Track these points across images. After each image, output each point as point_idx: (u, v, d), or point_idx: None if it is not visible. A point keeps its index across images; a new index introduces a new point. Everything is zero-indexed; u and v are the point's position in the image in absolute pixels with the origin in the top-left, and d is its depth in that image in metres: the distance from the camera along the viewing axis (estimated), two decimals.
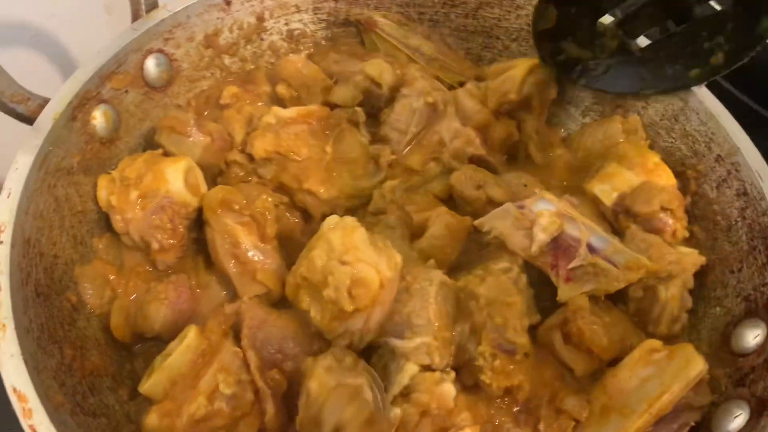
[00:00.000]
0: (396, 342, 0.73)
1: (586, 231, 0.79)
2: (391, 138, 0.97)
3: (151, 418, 0.69)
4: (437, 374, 0.71)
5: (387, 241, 0.77)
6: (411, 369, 0.71)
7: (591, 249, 0.78)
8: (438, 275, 0.75)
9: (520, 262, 0.80)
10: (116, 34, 0.87)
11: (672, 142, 0.93)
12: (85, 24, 1.15)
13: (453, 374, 0.72)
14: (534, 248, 0.79)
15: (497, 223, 0.82)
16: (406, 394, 0.70)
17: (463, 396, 0.74)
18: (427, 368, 0.72)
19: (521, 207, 0.81)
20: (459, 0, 1.04)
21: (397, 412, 0.68)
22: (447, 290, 0.75)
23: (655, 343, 0.75)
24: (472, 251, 0.88)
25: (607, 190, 0.89)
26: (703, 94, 0.89)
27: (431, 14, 1.06)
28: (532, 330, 0.77)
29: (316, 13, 1.05)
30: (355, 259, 0.70)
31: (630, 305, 0.82)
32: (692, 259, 0.82)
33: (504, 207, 0.82)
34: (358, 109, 0.96)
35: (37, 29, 1.09)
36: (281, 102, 0.97)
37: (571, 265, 0.78)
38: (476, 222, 0.84)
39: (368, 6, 1.06)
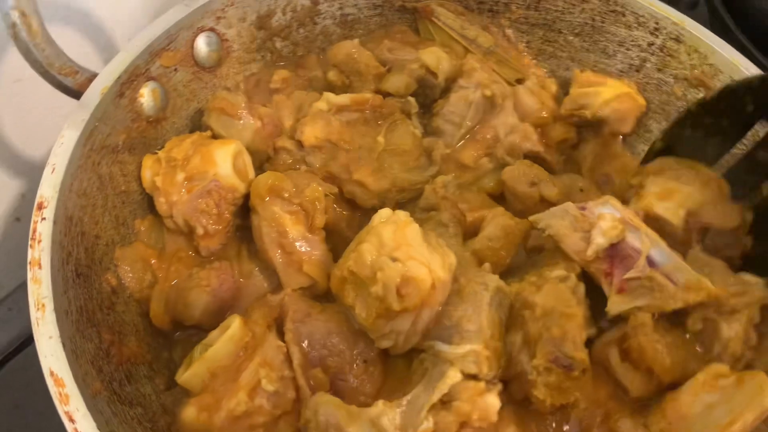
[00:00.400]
0: (443, 347, 0.69)
1: (649, 242, 0.74)
2: (445, 131, 0.93)
3: (189, 412, 0.66)
4: (482, 384, 0.67)
5: (440, 239, 0.73)
6: (454, 376, 0.67)
7: (650, 262, 0.73)
8: (494, 280, 0.71)
9: (578, 270, 0.76)
10: (170, 10, 0.84)
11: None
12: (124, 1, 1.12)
13: (500, 386, 0.69)
14: (590, 252, 0.74)
15: (554, 221, 0.78)
16: (446, 401, 0.66)
17: (511, 409, 0.71)
18: (472, 377, 0.68)
19: (583, 208, 0.77)
20: None
21: (428, 425, 0.64)
22: (502, 297, 0.71)
23: (722, 368, 0.70)
24: (520, 255, 0.84)
25: (671, 207, 0.81)
26: None
27: (491, 4, 1.02)
28: (587, 344, 0.73)
29: None
30: (406, 257, 0.67)
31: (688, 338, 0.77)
32: (759, 291, 0.74)
33: (564, 206, 0.78)
34: (411, 99, 0.92)
35: (74, 5, 1.06)
36: (332, 88, 0.94)
37: (626, 276, 0.73)
38: (532, 218, 0.80)
39: None
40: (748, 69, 0.87)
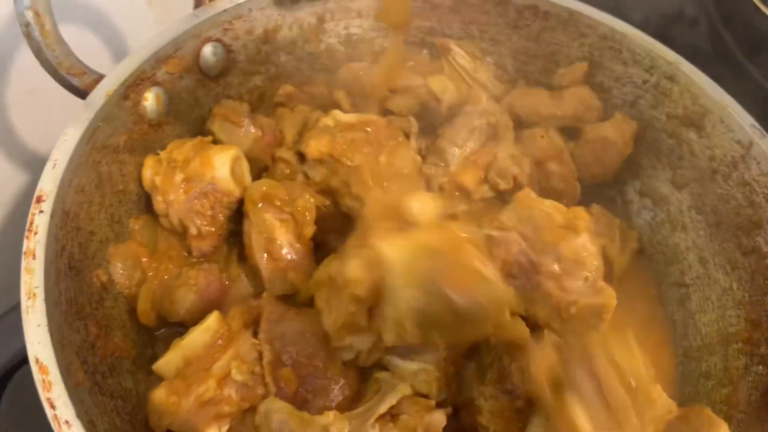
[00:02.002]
0: (397, 362, 0.72)
1: None
2: (446, 150, 0.94)
3: (159, 393, 0.68)
4: (432, 402, 0.69)
5: None
6: (403, 389, 0.69)
7: None
8: None
9: None
10: (174, 20, 0.87)
11: (727, 190, 0.90)
12: (137, 10, 1.16)
13: (450, 409, 0.70)
14: None
15: None
16: (395, 414, 0.68)
17: None
18: (422, 395, 0.70)
19: None
20: (523, 23, 1.02)
21: None
22: None
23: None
24: None
25: None
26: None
27: (493, 33, 1.04)
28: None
29: (377, 20, 1.04)
30: None
31: None
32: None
33: None
34: (412, 118, 0.94)
35: (94, 10, 1.10)
36: (336, 107, 0.96)
37: None
38: None
39: (429, 19, 1.05)
40: (738, 113, 0.89)
